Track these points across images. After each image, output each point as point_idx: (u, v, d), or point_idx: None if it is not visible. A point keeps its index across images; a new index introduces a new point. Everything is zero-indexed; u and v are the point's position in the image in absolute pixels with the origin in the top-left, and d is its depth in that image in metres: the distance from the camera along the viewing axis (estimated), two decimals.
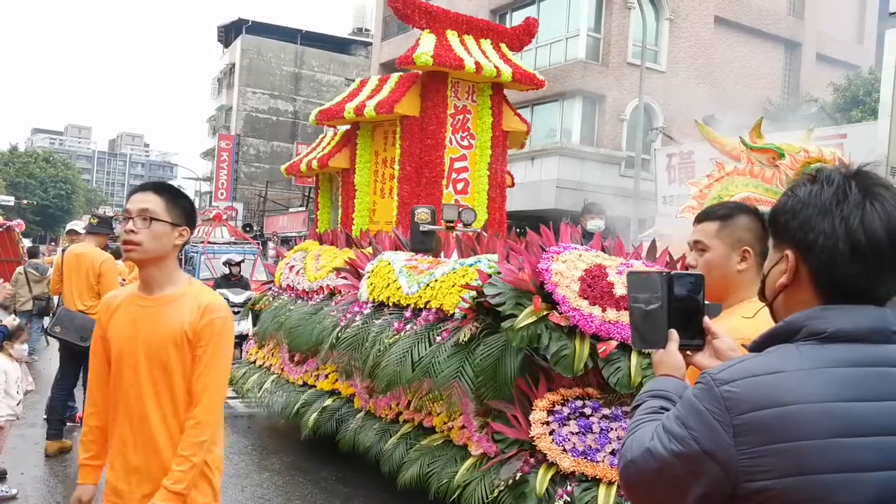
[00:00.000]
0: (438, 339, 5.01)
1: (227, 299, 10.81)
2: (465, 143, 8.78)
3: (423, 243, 6.54)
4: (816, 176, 1.46)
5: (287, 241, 29.97)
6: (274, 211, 39.09)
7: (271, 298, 8.30)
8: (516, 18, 23.75)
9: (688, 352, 1.60)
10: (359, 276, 6.55)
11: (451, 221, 7.08)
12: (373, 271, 6.27)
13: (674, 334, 1.58)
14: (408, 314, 5.52)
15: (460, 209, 7.25)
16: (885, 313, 1.39)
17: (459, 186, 8.73)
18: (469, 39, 8.77)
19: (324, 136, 10.11)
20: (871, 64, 23.77)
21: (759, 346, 1.42)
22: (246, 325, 10.27)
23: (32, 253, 14.34)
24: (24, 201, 58.34)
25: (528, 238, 5.20)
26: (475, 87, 8.80)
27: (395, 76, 8.77)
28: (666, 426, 1.38)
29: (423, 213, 6.61)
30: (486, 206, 8.87)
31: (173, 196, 2.67)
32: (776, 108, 22.74)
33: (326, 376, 6.89)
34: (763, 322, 1.54)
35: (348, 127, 9.28)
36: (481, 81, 8.72)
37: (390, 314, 5.75)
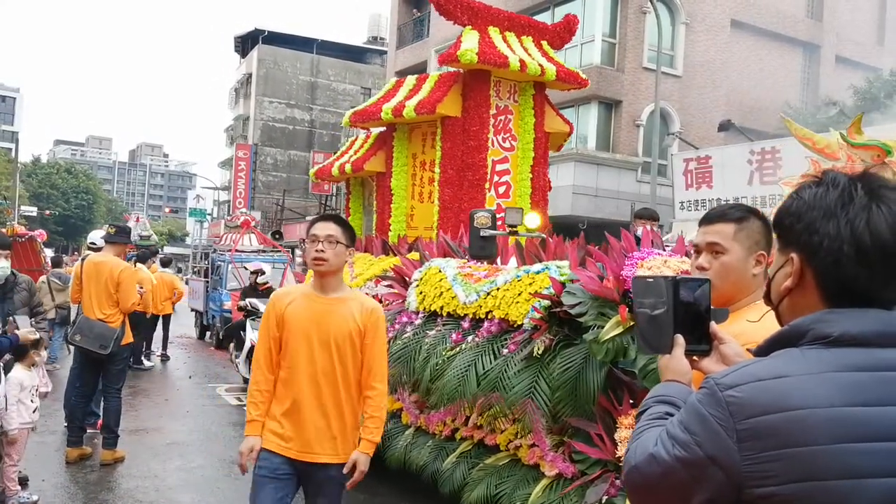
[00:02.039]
0: (505, 351, 4.72)
1: (258, 309, 10.71)
2: (507, 144, 8.43)
3: (484, 249, 6.19)
4: (822, 178, 1.45)
5: None
6: (291, 219, 39.27)
7: None
8: None
9: (694, 357, 1.59)
10: (405, 285, 6.23)
11: (515, 226, 6.70)
12: (422, 279, 5.96)
13: (680, 339, 1.57)
14: (466, 325, 5.25)
15: (523, 213, 6.87)
16: (891, 317, 1.37)
17: (501, 190, 8.38)
18: (511, 36, 8.41)
19: (354, 139, 9.76)
20: (892, 65, 23.56)
21: (764, 350, 1.41)
22: None
23: (56, 262, 14.49)
24: (47, 211, 58.96)
25: (610, 243, 4.78)
26: (517, 86, 8.49)
27: (433, 75, 8.46)
28: (670, 431, 1.38)
29: (483, 217, 6.23)
30: (530, 211, 8.26)
31: (345, 225, 3.53)
32: (795, 112, 22.58)
33: None
34: (769, 326, 1.53)
35: (383, 129, 8.94)
36: (523, 80, 8.39)
37: (444, 325, 5.46)
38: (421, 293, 5.87)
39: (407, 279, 6.25)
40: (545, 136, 8.68)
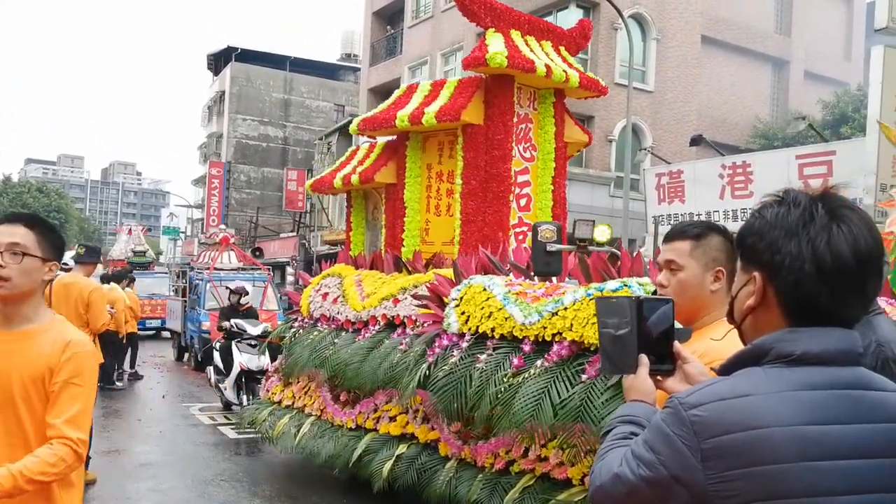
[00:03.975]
0: (583, 377, 4.33)
1: (244, 331, 10.39)
2: (528, 154, 7.84)
3: (549, 265, 5.67)
4: (783, 198, 1.46)
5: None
6: (265, 236, 39.11)
7: (300, 330, 7.46)
8: None
9: (658, 377, 1.59)
10: (442, 304, 5.67)
11: (585, 240, 6.29)
12: (463, 298, 5.41)
13: (644, 359, 1.57)
14: (527, 348, 4.77)
15: (593, 225, 6.41)
16: (851, 335, 1.39)
17: (522, 202, 7.79)
18: (531, 41, 7.90)
19: (356, 149, 9.16)
20: (859, 80, 23.95)
21: (727, 369, 1.42)
22: (265, 361, 9.72)
23: None
24: None
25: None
26: (536, 93, 7.95)
27: (452, 81, 7.91)
28: (634, 451, 1.38)
29: (547, 230, 5.76)
30: None
31: (43, 230, 2.53)
32: (765, 126, 22.88)
33: (392, 419, 6.02)
34: (733, 344, 1.54)
35: (391, 138, 8.39)
36: (543, 87, 7.89)
37: (496, 348, 4.98)
38: (463, 313, 5.32)
39: (444, 298, 5.68)
40: (565, 146, 8.24)
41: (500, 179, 7.50)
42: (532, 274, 5.69)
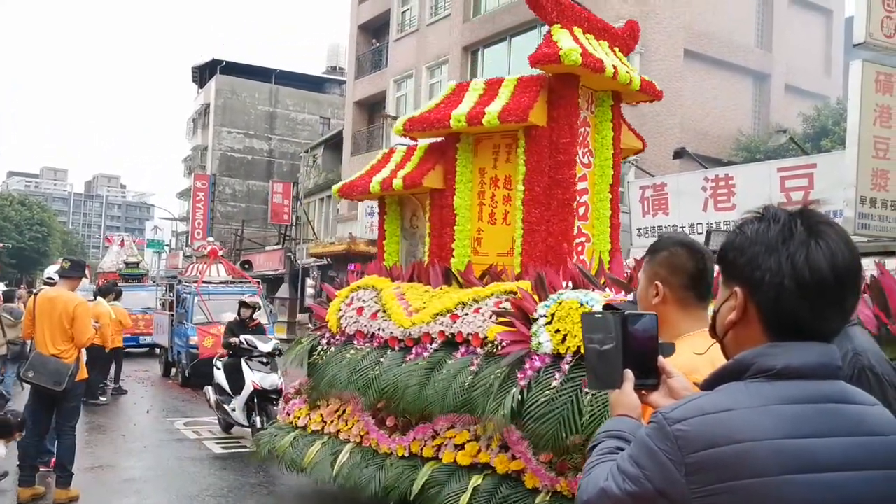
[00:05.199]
0: None
1: (255, 347, 9.75)
2: (586, 160, 7.25)
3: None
4: (763, 214, 1.49)
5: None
6: (250, 249, 38.99)
7: (331, 347, 6.89)
8: (488, 56, 24.02)
9: (643, 391, 1.61)
10: (527, 322, 5.21)
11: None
12: (556, 316, 4.99)
13: (629, 374, 1.59)
14: None
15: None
16: (831, 349, 1.42)
17: (581, 211, 7.14)
18: (591, 39, 7.32)
19: (390, 151, 8.47)
20: (838, 94, 24.20)
21: (710, 383, 1.44)
22: (278, 379, 9.39)
23: (8, 297, 14.15)
24: (0, 245, 57.78)
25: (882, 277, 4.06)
26: (594, 95, 7.37)
27: (511, 78, 7.30)
28: (620, 466, 1.40)
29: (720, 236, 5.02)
30: (609, 235, 7.30)
31: None
32: (747, 139, 23.05)
33: (459, 446, 5.46)
34: (717, 357, 1.57)
35: (435, 140, 7.79)
36: (601, 89, 7.36)
37: None
38: (558, 332, 4.93)
39: (529, 315, 5.21)
40: (620, 151, 7.70)
41: (566, 186, 6.91)
42: (634, 289, 5.22)
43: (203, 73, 51.03)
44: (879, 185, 10.77)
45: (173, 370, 16.51)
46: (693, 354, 1.86)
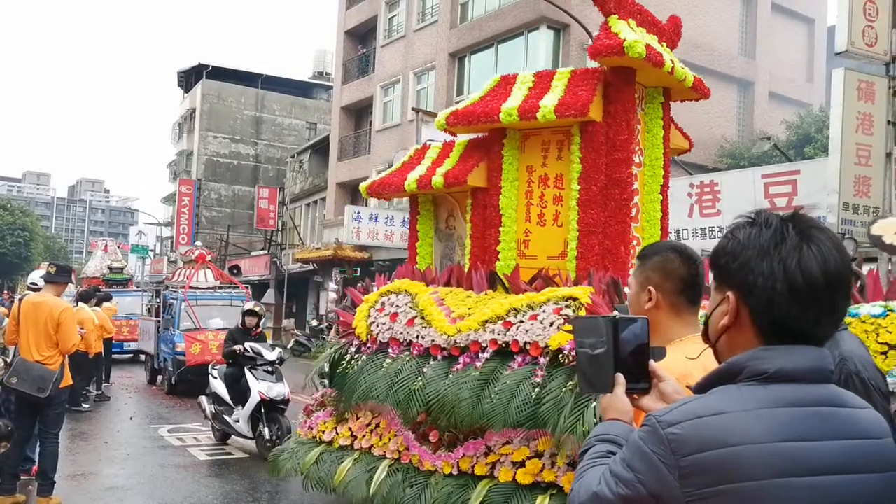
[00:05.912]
0: None
1: (260, 355, 9.49)
2: (637, 159, 6.85)
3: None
4: (755, 219, 1.50)
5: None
6: (236, 254, 38.86)
7: (362, 356, 6.26)
8: (475, 62, 24.05)
9: (634, 395, 1.61)
10: None
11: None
12: None
13: (620, 378, 1.59)
14: None
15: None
16: (823, 353, 1.42)
17: (633, 213, 6.78)
18: (643, 33, 6.92)
19: (423, 148, 7.99)
20: (821, 102, 24.42)
21: (703, 387, 1.44)
22: (285, 388, 9.17)
23: None
24: None
25: None
26: (644, 91, 6.96)
27: (564, 71, 6.82)
28: (612, 469, 1.40)
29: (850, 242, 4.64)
30: (660, 238, 6.78)
31: None
32: (732, 146, 23.20)
33: (519, 464, 4.97)
34: (709, 362, 1.57)
35: (476, 136, 7.32)
36: (652, 85, 6.95)
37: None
38: None
39: None
40: (669, 151, 7.29)
41: (623, 185, 6.48)
42: None
43: (189, 78, 50.86)
44: (862, 192, 10.88)
45: (159, 377, 16.28)
46: (685, 359, 1.87)
